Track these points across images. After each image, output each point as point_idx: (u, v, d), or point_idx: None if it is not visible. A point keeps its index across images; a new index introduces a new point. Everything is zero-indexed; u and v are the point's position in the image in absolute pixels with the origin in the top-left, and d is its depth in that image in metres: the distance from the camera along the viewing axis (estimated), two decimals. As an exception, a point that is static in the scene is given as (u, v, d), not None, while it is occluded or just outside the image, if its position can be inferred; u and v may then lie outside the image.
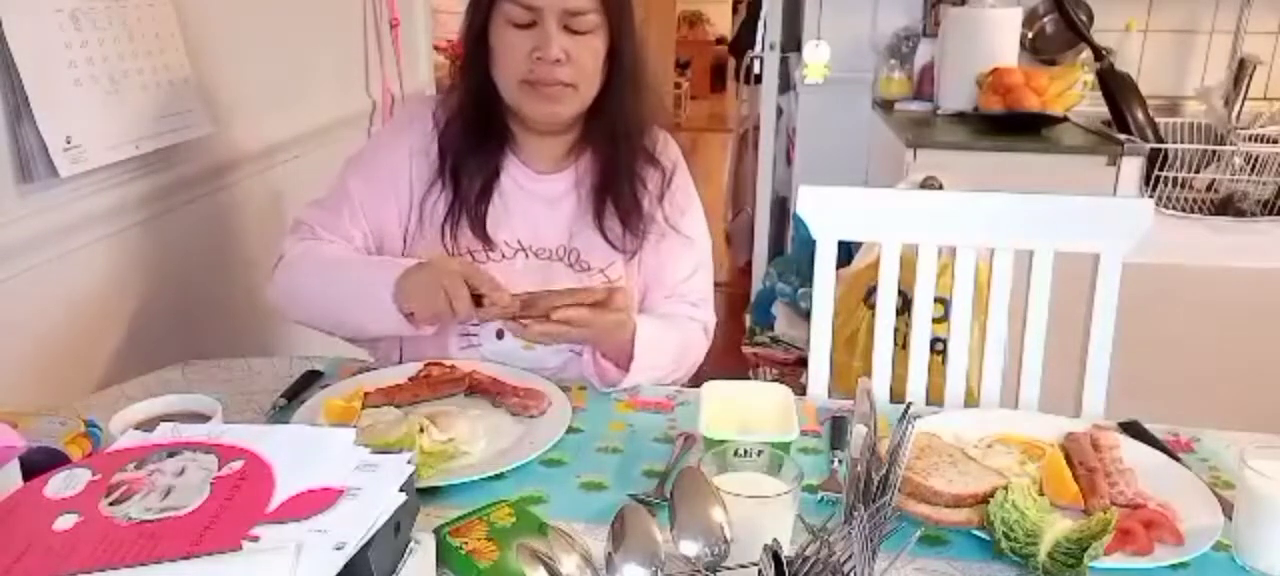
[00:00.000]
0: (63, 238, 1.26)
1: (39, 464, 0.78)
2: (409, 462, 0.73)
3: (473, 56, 1.25)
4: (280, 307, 1.28)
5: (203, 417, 0.90)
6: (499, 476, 0.96)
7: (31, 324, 1.22)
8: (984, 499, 0.87)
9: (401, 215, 1.29)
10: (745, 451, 0.83)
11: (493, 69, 1.23)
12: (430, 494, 0.91)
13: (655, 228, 1.31)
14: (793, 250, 3.31)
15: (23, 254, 1.19)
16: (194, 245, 1.56)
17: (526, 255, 1.28)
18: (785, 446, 0.91)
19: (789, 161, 3.49)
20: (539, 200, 1.30)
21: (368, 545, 0.65)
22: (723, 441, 0.89)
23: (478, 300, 1.12)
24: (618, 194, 1.28)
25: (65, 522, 0.66)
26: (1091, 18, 2.80)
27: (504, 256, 1.27)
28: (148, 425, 0.83)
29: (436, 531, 0.80)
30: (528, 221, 1.29)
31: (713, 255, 1.40)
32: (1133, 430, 1.07)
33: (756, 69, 3.81)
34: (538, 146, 1.30)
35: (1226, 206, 2.42)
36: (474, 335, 1.28)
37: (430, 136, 1.29)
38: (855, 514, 0.65)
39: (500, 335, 1.26)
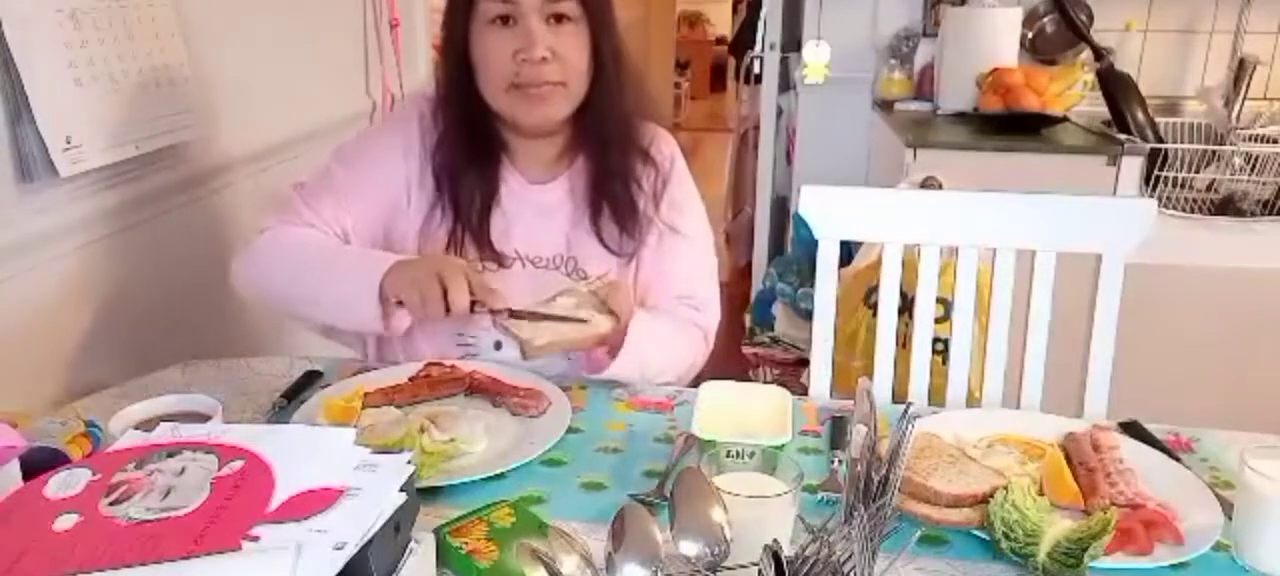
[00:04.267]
0: (63, 238, 1.26)
1: (39, 464, 0.78)
2: (409, 462, 0.73)
3: (456, 73, 1.22)
4: (246, 282, 1.23)
5: (203, 417, 0.90)
6: (499, 476, 0.96)
7: (31, 324, 1.22)
8: (984, 499, 0.87)
9: (388, 212, 1.26)
10: (737, 453, 0.83)
11: (479, 80, 1.20)
12: (430, 494, 0.90)
13: (653, 229, 1.29)
14: (793, 250, 3.31)
15: (23, 254, 1.19)
16: (194, 245, 1.56)
17: (523, 264, 1.27)
18: (778, 450, 0.90)
19: (789, 161, 3.49)
20: (535, 210, 1.28)
21: (368, 545, 0.65)
22: (714, 442, 0.88)
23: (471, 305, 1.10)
24: (612, 196, 1.26)
25: (65, 522, 0.66)
26: (1091, 18, 2.80)
27: (501, 266, 1.26)
28: (148, 425, 0.83)
29: (436, 531, 0.80)
30: (525, 231, 1.27)
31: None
32: (1133, 430, 1.07)
33: (756, 69, 3.81)
34: (531, 152, 1.28)
35: (1226, 206, 2.42)
36: (470, 344, 1.27)
37: (424, 139, 1.26)
38: (855, 514, 0.65)
39: (498, 346, 1.25)
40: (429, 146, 1.26)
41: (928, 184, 2.23)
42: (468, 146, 1.24)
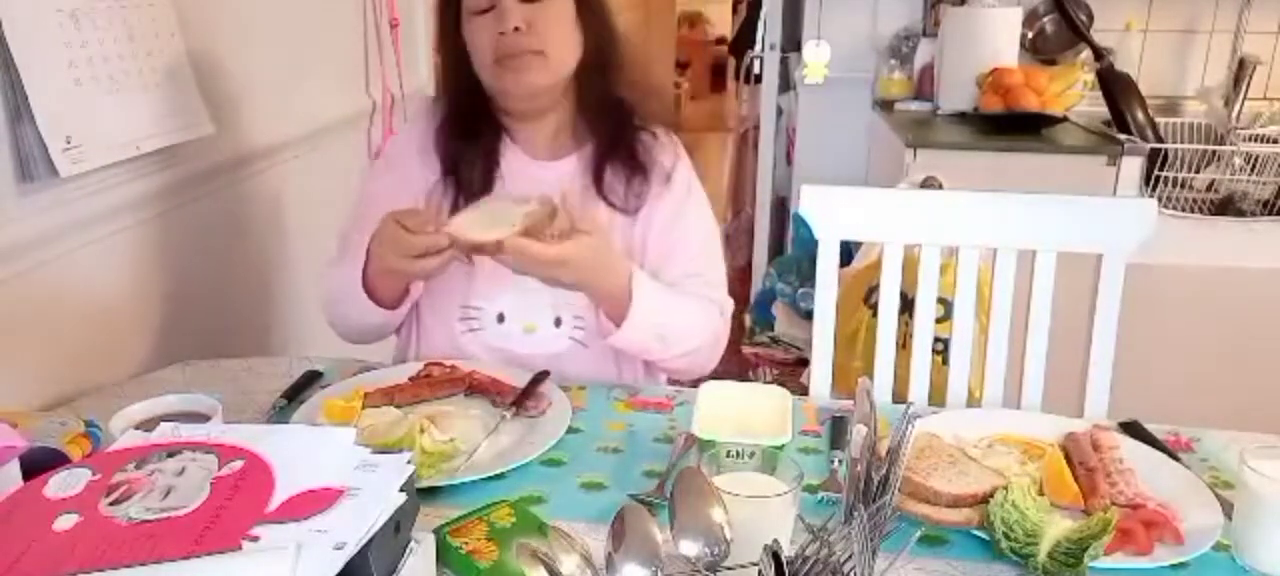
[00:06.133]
0: (63, 237, 1.26)
1: (39, 464, 0.78)
2: (409, 462, 0.73)
3: (452, 61, 1.27)
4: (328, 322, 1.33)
5: (203, 417, 0.90)
6: (499, 476, 0.96)
7: (31, 324, 1.22)
8: (984, 499, 0.87)
9: (427, 182, 1.30)
10: (737, 453, 0.83)
11: (474, 64, 1.24)
12: (430, 494, 0.91)
13: (661, 202, 1.29)
14: (793, 250, 3.31)
15: (23, 254, 1.19)
16: (194, 245, 1.56)
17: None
18: (778, 450, 0.90)
19: (789, 161, 3.49)
20: (541, 187, 1.26)
21: (368, 545, 0.65)
22: (714, 442, 0.88)
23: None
24: (615, 156, 1.29)
25: (65, 522, 0.66)
26: (1091, 18, 2.80)
27: None
28: (148, 425, 0.83)
29: (436, 531, 0.80)
30: None
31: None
32: (1133, 430, 1.07)
33: (756, 69, 3.81)
34: (529, 132, 1.30)
35: (1226, 206, 2.42)
36: (474, 317, 1.28)
37: (430, 131, 1.31)
38: (855, 514, 0.65)
39: (501, 318, 1.27)
40: (434, 134, 1.31)
41: (928, 184, 2.23)
42: (466, 127, 1.29)
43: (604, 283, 1.15)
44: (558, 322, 1.28)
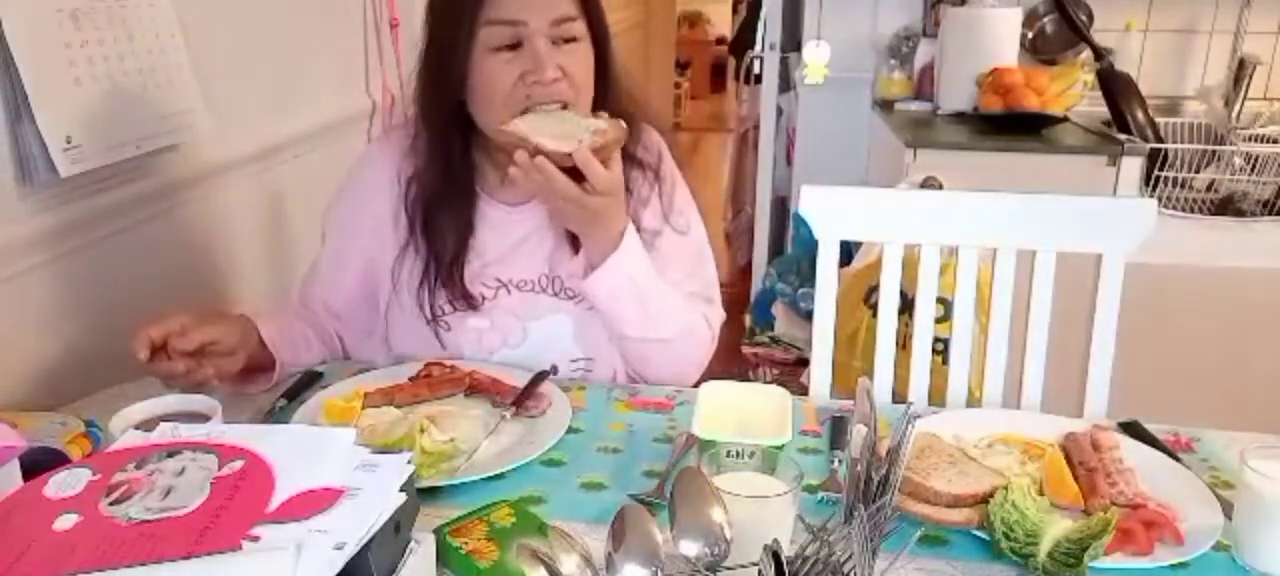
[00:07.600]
0: (63, 237, 1.26)
1: (39, 464, 0.78)
2: (409, 462, 0.73)
3: (445, 103, 1.17)
4: None
5: (203, 417, 0.91)
6: (499, 476, 0.96)
7: (31, 324, 1.22)
8: (984, 499, 0.87)
9: (377, 250, 1.26)
10: (737, 453, 0.83)
11: (481, 109, 1.15)
12: (430, 494, 0.91)
13: (646, 232, 1.23)
14: (793, 250, 3.31)
15: (23, 254, 1.19)
16: (194, 245, 1.57)
17: (508, 291, 1.25)
18: (778, 450, 0.90)
19: (789, 161, 3.49)
20: (514, 235, 1.25)
21: (368, 545, 0.65)
22: (714, 442, 0.89)
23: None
24: None
25: (65, 522, 0.66)
26: (1091, 18, 2.80)
27: (484, 299, 1.24)
28: (148, 425, 0.83)
29: (436, 531, 0.80)
30: (505, 260, 1.25)
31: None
32: (1133, 430, 1.07)
33: (756, 69, 3.80)
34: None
35: (1226, 206, 2.42)
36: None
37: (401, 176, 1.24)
38: (855, 514, 0.65)
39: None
40: (406, 179, 1.24)
41: (928, 184, 2.23)
42: (445, 183, 1.22)
43: (613, 226, 1.13)
44: (554, 371, 1.24)
